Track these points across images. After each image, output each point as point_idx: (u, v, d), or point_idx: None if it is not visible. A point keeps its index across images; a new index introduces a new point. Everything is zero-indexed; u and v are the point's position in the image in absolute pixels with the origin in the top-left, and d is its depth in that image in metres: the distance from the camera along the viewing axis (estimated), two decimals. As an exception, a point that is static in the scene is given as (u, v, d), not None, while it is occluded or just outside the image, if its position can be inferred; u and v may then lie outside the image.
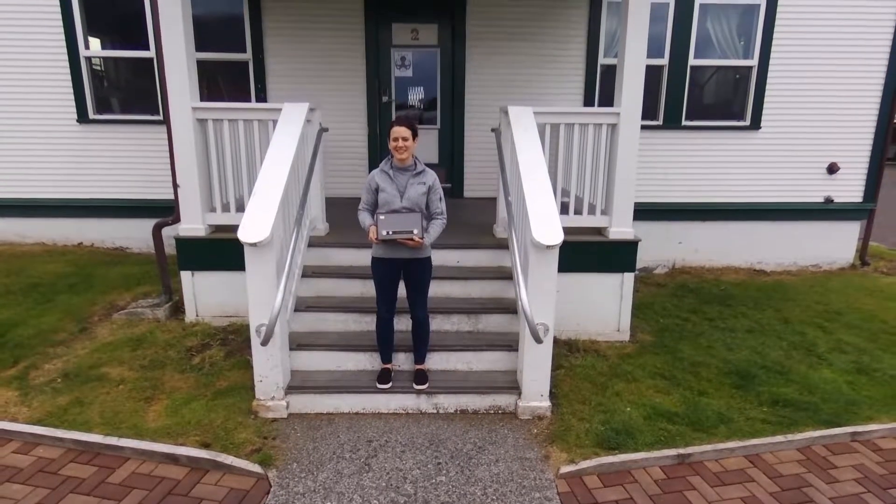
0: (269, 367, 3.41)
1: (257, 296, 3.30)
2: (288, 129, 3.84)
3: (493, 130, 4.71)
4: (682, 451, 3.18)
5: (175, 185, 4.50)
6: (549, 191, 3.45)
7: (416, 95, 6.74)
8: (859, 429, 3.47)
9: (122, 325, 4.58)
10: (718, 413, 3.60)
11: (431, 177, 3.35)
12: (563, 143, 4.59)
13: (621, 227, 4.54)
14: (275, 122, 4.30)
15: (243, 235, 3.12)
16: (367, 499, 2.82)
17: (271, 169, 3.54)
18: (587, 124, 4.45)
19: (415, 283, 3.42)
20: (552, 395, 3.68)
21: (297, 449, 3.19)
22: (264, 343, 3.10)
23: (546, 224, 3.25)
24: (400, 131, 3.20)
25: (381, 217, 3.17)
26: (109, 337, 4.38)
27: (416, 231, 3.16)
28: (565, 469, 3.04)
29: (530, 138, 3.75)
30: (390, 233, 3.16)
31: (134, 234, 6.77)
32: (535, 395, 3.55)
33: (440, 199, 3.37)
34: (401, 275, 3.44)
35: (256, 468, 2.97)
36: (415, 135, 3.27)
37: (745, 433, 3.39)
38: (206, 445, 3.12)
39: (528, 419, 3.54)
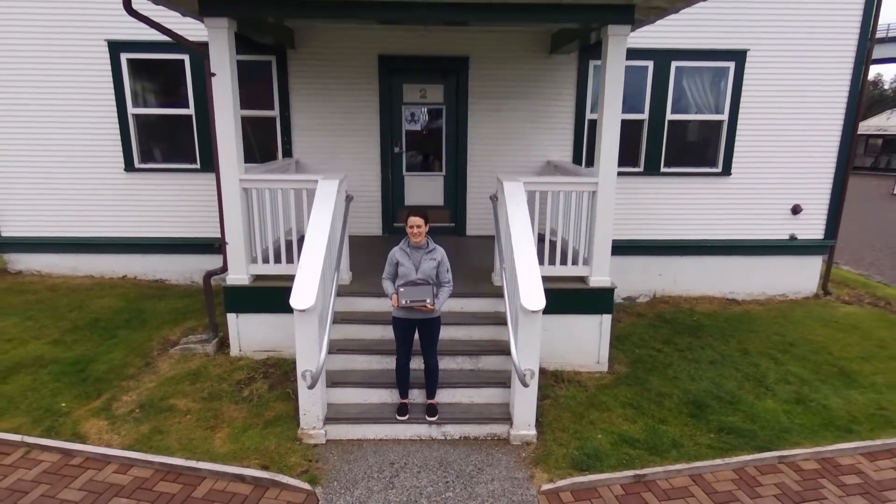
0: (312, 403, 4.27)
1: (304, 347, 4.15)
2: (323, 205, 4.68)
3: (491, 198, 5.54)
4: (638, 472, 4.02)
5: (224, 243, 5.35)
6: (536, 265, 4.28)
7: (423, 146, 7.57)
8: (785, 453, 4.29)
9: (179, 360, 5.44)
10: (673, 439, 4.43)
11: (440, 253, 4.19)
12: (550, 203, 5.45)
13: (600, 277, 5.37)
14: (308, 190, 5.17)
15: (295, 303, 3.97)
16: (393, 511, 3.67)
17: (312, 244, 4.38)
18: (571, 192, 5.30)
19: (427, 337, 4.27)
20: (538, 424, 4.51)
21: (335, 470, 4.04)
22: (311, 387, 3.94)
23: (532, 293, 4.09)
24: (415, 220, 4.05)
25: (402, 289, 4.03)
26: (170, 371, 5.24)
27: (428, 300, 4.02)
28: (545, 487, 3.88)
29: (521, 216, 4.59)
30: (408, 301, 4.01)
31: (172, 268, 7.66)
32: (524, 424, 4.39)
33: (447, 270, 4.22)
34: (416, 331, 4.28)
35: (306, 486, 3.82)
36: (426, 222, 4.11)
37: (692, 456, 4.22)
38: (265, 467, 3.98)
39: (518, 445, 4.38)
